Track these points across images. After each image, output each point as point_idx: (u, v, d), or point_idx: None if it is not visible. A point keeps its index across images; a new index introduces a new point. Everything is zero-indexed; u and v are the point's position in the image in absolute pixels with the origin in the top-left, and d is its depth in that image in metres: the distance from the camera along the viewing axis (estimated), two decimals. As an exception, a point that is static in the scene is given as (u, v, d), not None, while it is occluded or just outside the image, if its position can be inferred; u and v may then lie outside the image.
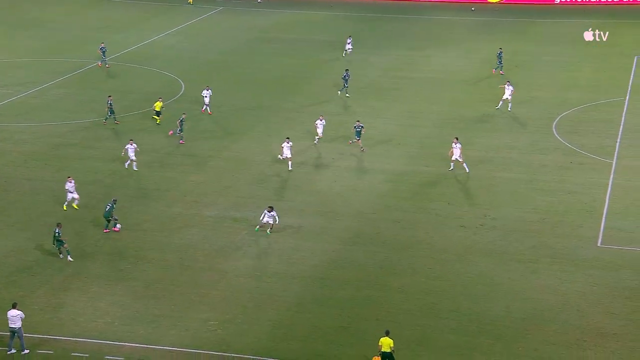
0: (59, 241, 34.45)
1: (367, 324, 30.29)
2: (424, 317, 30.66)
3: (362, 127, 45.16)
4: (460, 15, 77.32)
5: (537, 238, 36.14)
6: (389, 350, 27.13)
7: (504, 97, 50.01)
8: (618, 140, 46.38)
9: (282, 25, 75.17)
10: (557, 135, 47.50)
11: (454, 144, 42.36)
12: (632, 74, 57.62)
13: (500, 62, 57.89)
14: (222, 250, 35.60)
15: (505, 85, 50.62)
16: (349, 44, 62.82)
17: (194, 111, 52.52)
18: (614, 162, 43.57)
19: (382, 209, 39.28)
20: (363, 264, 34.35)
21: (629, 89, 54.54)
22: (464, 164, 42.14)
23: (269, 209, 36.48)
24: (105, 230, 36.72)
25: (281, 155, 43.49)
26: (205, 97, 51.48)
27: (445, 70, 60.75)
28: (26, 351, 28.75)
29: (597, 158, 44.10)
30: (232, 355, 28.63)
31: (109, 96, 49.51)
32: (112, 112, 48.98)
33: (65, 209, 38.65)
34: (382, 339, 27.30)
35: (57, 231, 34.47)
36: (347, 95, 53.47)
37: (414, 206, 39.54)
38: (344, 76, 54.15)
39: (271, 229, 36.55)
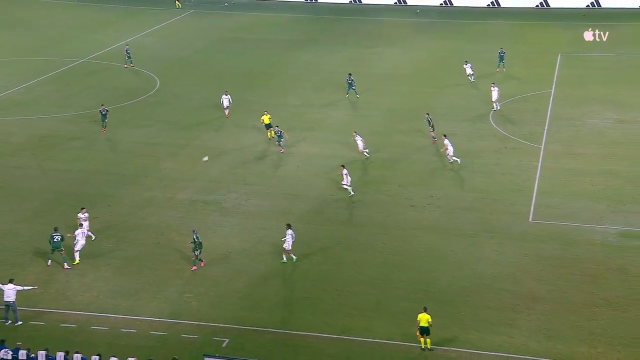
0: (56, 245, 31.68)
1: (327, 294, 30.48)
2: (378, 287, 30.93)
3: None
4: (406, 16, 77.50)
5: (476, 215, 36.57)
6: (426, 325, 26.90)
7: (493, 98, 50.04)
8: (545, 127, 47.11)
9: (247, 26, 74.60)
10: (493, 124, 48.05)
11: (445, 140, 41.69)
12: (556, 69, 58.46)
13: (501, 61, 57.76)
14: (195, 229, 35.40)
15: (491, 87, 50.63)
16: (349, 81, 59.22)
17: (171, 104, 52.04)
18: (542, 147, 44.25)
19: (339, 191, 39.39)
20: (323, 241, 34.48)
21: (554, 83, 55.34)
22: (455, 157, 41.73)
23: (287, 227, 32.35)
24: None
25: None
26: (224, 101, 48.80)
27: (393, 66, 60.98)
28: (19, 322, 28.41)
29: (527, 143, 44.75)
30: (207, 324, 28.62)
31: (102, 105, 47.55)
32: (103, 119, 46.52)
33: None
34: (420, 315, 26.98)
35: (55, 236, 31.63)
36: (357, 96, 52.17)
37: (368, 189, 39.73)
38: (348, 80, 52.63)
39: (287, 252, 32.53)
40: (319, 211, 37.27)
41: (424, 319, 26.96)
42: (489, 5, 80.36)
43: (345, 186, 38.51)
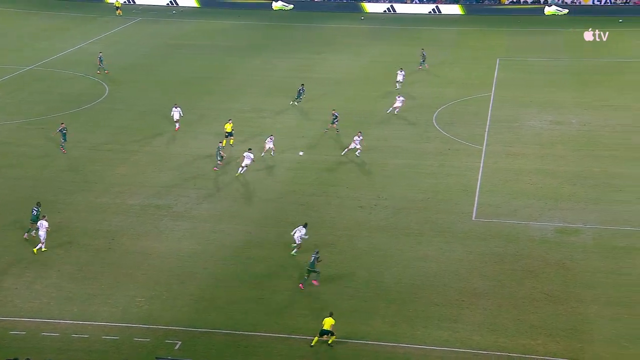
0: (33, 218, 33.00)
1: (279, 295, 30.37)
2: (327, 287, 30.95)
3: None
4: (351, 23, 77.93)
5: (422, 214, 36.94)
6: (328, 328, 26.98)
7: (395, 105, 50.53)
8: (486, 129, 47.91)
9: (195, 33, 73.94)
10: (436, 126, 48.63)
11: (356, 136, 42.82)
12: (495, 73, 59.58)
13: (423, 61, 58.87)
14: (146, 234, 34.93)
15: (397, 98, 51.10)
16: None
17: (120, 110, 51.20)
18: (484, 148, 44.97)
19: (288, 194, 39.34)
20: (273, 243, 34.35)
21: (494, 86, 56.36)
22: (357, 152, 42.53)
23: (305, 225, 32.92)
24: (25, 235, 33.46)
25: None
26: (174, 114, 47.27)
27: (340, 71, 61.25)
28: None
29: (469, 145, 45.43)
30: (159, 327, 28.20)
31: (62, 123, 45.95)
32: (64, 138, 44.74)
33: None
34: (325, 319, 27.08)
35: (34, 209, 33.25)
36: (295, 103, 52.25)
37: (317, 191, 39.77)
38: (300, 91, 52.54)
39: (298, 247, 33.00)
40: (270, 213, 37.15)
41: (327, 323, 27.00)
42: (430, 12, 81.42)
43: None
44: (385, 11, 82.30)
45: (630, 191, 38.45)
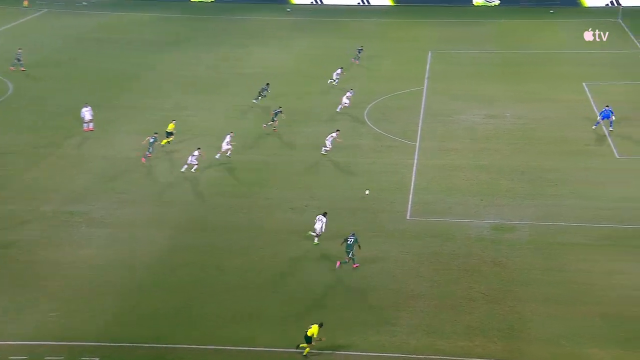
0: None
1: (207, 305, 29.95)
2: (259, 293, 30.71)
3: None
4: (277, 15, 77.70)
5: (356, 214, 37.05)
6: (309, 335, 26.79)
7: (343, 101, 50.68)
8: (419, 124, 48.53)
9: (110, 26, 72.23)
10: (368, 122, 48.94)
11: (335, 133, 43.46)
12: (427, 66, 60.45)
13: (358, 55, 58.91)
14: (61, 243, 33.85)
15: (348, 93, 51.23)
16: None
17: (29, 110, 49.45)
18: (417, 144, 45.52)
19: (214, 196, 38.88)
20: (199, 248, 33.86)
21: (426, 79, 57.17)
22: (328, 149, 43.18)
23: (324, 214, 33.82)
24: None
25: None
26: (85, 114, 45.73)
27: (268, 65, 60.96)
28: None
29: (403, 141, 45.90)
30: (75, 343, 27.33)
31: None
32: None
33: None
34: (314, 326, 26.95)
35: None
36: (254, 101, 51.46)
37: (245, 192, 39.43)
38: (263, 88, 51.81)
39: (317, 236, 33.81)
40: (195, 217, 36.60)
41: (311, 331, 26.95)
42: (359, 3, 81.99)
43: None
44: (312, 2, 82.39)
45: (564, 185, 39.64)
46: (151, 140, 42.77)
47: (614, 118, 45.58)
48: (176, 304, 29.81)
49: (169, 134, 44.49)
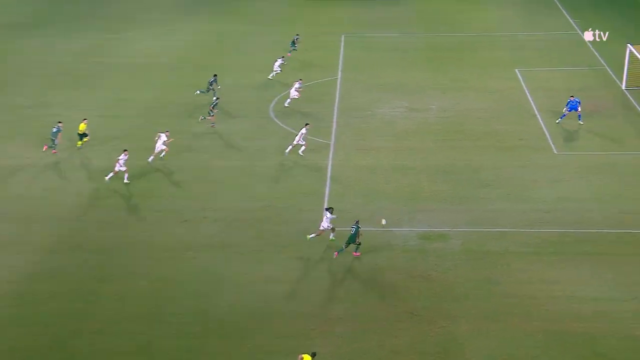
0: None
1: (79, 340, 28.85)
2: (146, 324, 29.91)
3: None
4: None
5: (261, 227, 36.70)
6: None
7: (292, 93, 50.20)
8: (334, 120, 48.52)
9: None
10: (274, 119, 48.60)
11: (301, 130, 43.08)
12: (341, 53, 60.62)
13: (293, 46, 57.92)
14: None
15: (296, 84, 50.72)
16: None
17: None
18: (332, 142, 45.47)
19: (89, 209, 37.76)
20: (71, 273, 32.74)
21: (340, 68, 57.30)
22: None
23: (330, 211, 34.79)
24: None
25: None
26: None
27: (148, 54, 59.84)
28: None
29: (315, 139, 45.74)
30: None
31: None
32: None
33: None
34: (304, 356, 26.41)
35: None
36: (198, 92, 50.69)
37: (127, 204, 38.40)
38: (211, 81, 50.78)
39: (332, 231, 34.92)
40: (65, 236, 35.36)
41: None
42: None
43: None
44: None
45: (497, 186, 40.26)
46: (54, 130, 41.20)
47: (580, 110, 46.69)
48: (38, 341, 28.62)
49: (82, 135, 43.15)
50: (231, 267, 33.66)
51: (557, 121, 46.76)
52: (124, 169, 40.20)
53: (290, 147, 43.33)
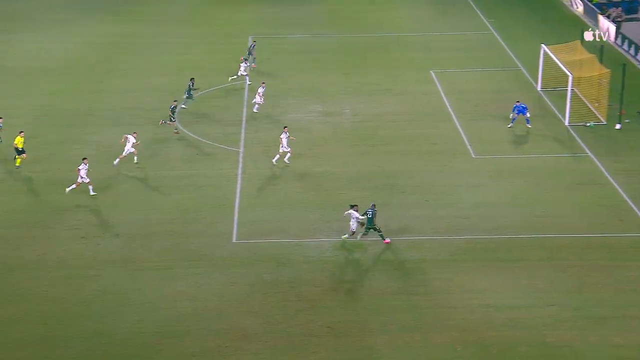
0: None
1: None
2: (39, 349, 29.29)
3: None
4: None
5: (168, 241, 36.46)
6: None
7: (256, 100, 49.78)
8: (242, 126, 48.54)
9: None
10: (179, 126, 48.24)
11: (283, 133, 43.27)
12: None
13: (250, 55, 56.86)
14: None
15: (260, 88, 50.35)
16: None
17: None
18: (241, 150, 45.48)
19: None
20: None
21: (247, 74, 57.22)
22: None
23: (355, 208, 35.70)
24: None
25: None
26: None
27: (39, 57, 58.71)
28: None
29: (223, 147, 45.69)
30: None
31: None
32: None
33: None
34: None
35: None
36: (183, 105, 49.88)
37: (15, 219, 37.59)
38: (190, 87, 49.92)
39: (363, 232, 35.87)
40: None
41: None
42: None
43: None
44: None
45: (413, 192, 41.01)
46: None
47: (529, 115, 47.87)
48: None
49: (20, 151, 42.18)
50: (136, 284, 33.29)
51: (508, 125, 47.88)
52: (87, 180, 39.55)
53: (278, 156, 43.34)
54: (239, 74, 53.96)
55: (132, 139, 42.75)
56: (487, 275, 34.19)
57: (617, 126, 47.75)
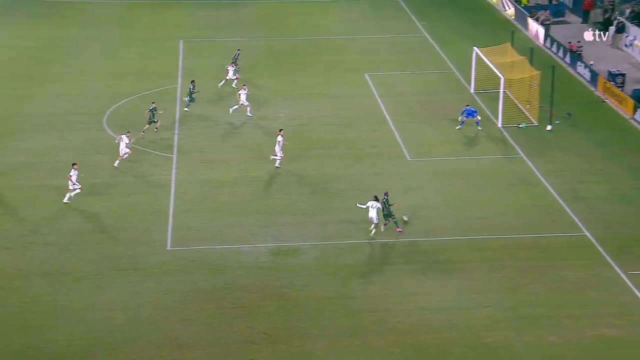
0: None
1: None
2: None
3: None
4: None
5: (100, 249, 36.13)
6: None
7: (241, 102, 49.18)
8: (176, 131, 48.21)
9: None
10: (109, 131, 47.78)
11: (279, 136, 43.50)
12: (180, 59, 60.29)
13: (235, 63, 55.76)
14: None
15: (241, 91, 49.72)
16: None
17: None
18: (174, 155, 45.17)
19: None
20: None
21: (180, 75, 56.96)
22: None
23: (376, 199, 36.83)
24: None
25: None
26: None
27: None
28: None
29: (155, 153, 45.31)
30: None
31: None
32: None
33: None
34: None
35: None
36: (185, 109, 49.72)
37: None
38: (191, 90, 49.42)
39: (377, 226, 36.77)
40: None
41: None
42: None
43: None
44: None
45: (352, 196, 41.15)
46: None
47: (479, 118, 48.34)
48: None
49: None
50: (67, 295, 32.87)
51: (457, 127, 48.34)
52: (77, 186, 39.23)
53: (276, 157, 43.46)
54: (227, 77, 53.82)
55: (125, 139, 42.79)
56: (424, 277, 34.57)
57: (548, 127, 48.71)
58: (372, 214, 36.83)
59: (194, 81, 50.91)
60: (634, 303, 32.80)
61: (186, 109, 50.40)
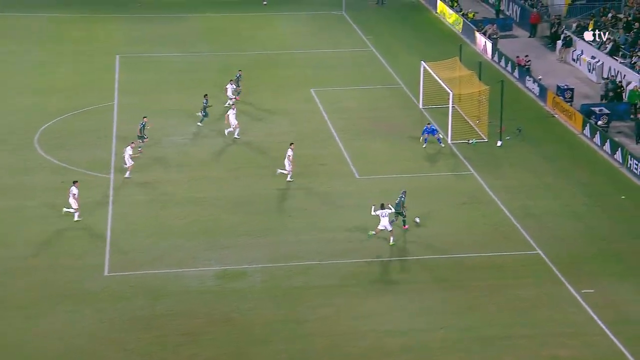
0: None
1: None
2: None
3: None
4: None
5: (32, 277, 35.42)
6: None
7: (232, 124, 48.54)
8: (113, 151, 47.40)
9: None
10: (40, 152, 46.93)
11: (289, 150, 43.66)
12: (116, 75, 59.48)
13: (237, 84, 54.62)
14: None
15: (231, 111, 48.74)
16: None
17: None
18: (112, 176, 44.39)
19: None
20: None
21: (116, 92, 56.18)
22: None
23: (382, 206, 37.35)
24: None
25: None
26: None
27: None
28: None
29: (91, 174, 44.54)
30: None
31: None
32: None
33: None
34: None
35: None
36: (199, 124, 49.80)
37: None
38: (205, 105, 49.26)
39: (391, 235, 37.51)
40: None
41: None
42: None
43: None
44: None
45: (300, 216, 40.89)
46: None
47: (441, 135, 48.26)
48: None
49: None
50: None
51: (423, 146, 48.23)
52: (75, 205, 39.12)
53: (284, 172, 43.55)
54: (229, 95, 53.31)
55: (129, 150, 43.34)
56: (377, 299, 34.32)
57: (498, 143, 48.95)
58: (385, 222, 37.32)
59: (206, 95, 50.74)
60: (586, 322, 32.95)
61: (199, 123, 50.34)
